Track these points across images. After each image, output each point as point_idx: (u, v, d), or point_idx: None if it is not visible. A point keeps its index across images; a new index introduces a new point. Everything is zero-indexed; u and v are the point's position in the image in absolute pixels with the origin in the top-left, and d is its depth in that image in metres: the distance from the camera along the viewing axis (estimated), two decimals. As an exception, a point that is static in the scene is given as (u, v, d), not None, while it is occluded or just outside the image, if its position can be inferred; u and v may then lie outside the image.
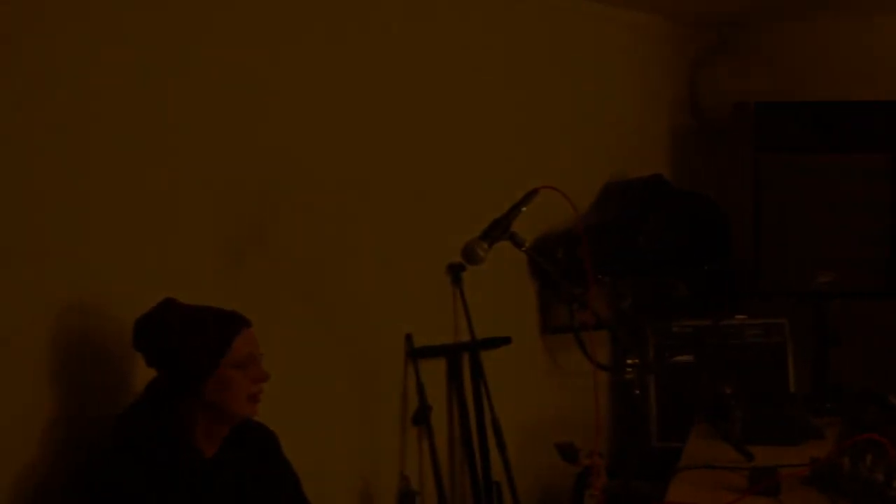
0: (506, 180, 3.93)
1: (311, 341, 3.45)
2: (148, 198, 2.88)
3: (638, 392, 3.24)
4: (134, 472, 2.45)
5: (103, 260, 2.75)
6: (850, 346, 4.63)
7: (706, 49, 5.45)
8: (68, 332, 2.66)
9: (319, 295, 3.50)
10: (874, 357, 4.87)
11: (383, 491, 3.75)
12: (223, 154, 3.12)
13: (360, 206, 3.63)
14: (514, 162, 4.28)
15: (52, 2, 2.62)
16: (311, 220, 3.44)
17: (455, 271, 3.99)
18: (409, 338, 3.84)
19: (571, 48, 4.65)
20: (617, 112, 4.91)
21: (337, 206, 3.54)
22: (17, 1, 2.54)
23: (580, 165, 4.65)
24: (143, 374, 2.62)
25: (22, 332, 2.56)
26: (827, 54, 5.21)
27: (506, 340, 4.16)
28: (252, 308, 2.74)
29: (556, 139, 4.55)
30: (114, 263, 2.78)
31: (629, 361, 3.23)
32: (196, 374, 2.53)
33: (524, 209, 2.92)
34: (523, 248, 2.90)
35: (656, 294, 4.82)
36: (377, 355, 3.74)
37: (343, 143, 3.55)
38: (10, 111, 2.53)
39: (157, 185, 2.91)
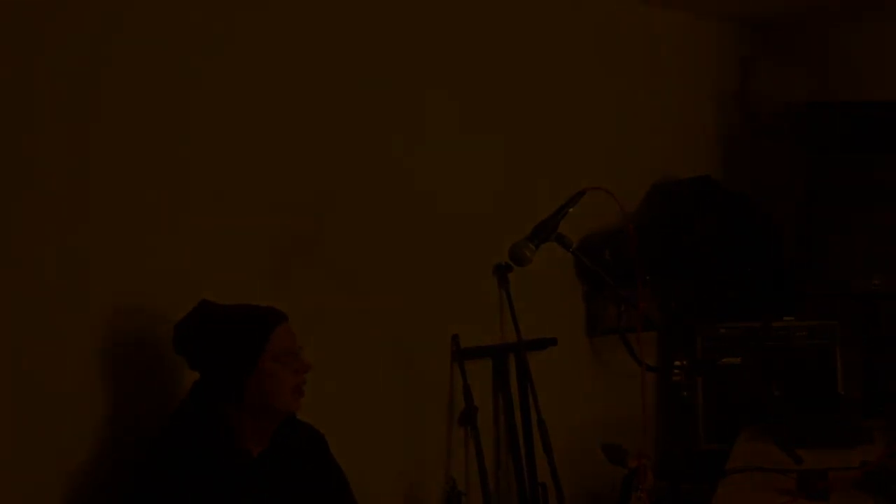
0: (553, 181, 3.93)
1: (359, 342, 3.46)
2: (199, 203, 2.91)
3: (686, 394, 3.22)
4: (181, 474, 2.46)
5: (156, 263, 2.78)
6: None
7: (756, 49, 5.41)
8: (120, 333, 2.69)
9: (366, 296, 3.50)
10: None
11: (429, 491, 3.76)
12: (272, 159, 3.14)
13: (407, 207, 3.63)
14: (562, 162, 4.27)
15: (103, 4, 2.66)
16: (358, 222, 3.46)
17: (502, 272, 3.99)
18: (455, 339, 3.84)
19: (620, 49, 4.64)
20: (666, 112, 4.88)
21: (384, 208, 3.55)
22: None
23: (628, 166, 4.63)
24: (192, 373, 2.65)
25: (74, 333, 2.60)
26: (878, 54, 5.15)
27: (552, 341, 4.16)
28: (299, 310, 2.76)
29: (605, 139, 4.53)
30: (166, 267, 2.81)
31: (677, 363, 3.21)
32: (237, 372, 2.55)
33: (571, 210, 2.91)
34: (571, 249, 2.90)
35: (705, 295, 4.79)
36: (424, 356, 3.75)
37: (389, 144, 3.56)
38: (60, 116, 2.57)
39: (209, 192, 2.93)
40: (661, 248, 4.44)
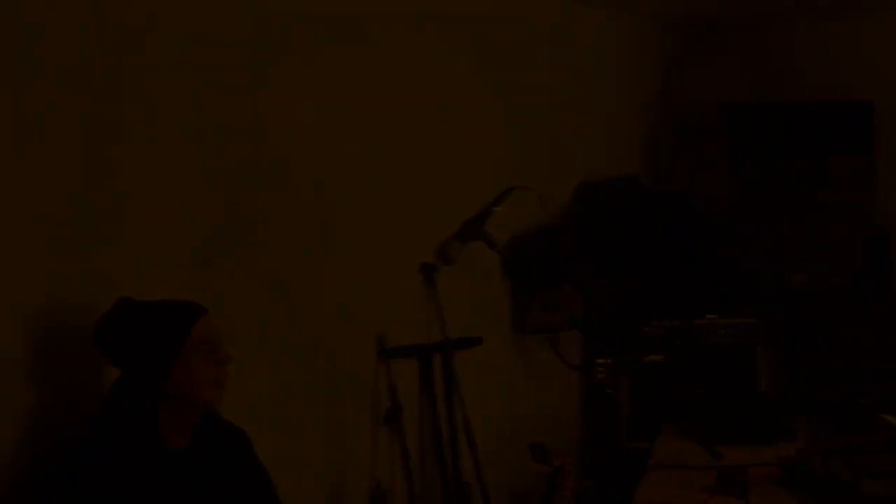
0: (480, 180, 3.94)
1: (283, 340, 3.44)
2: (121, 202, 2.87)
3: (610, 392, 3.24)
4: (101, 471, 2.43)
5: (79, 258, 2.74)
6: (822, 347, 4.66)
7: (682, 50, 5.46)
8: (43, 330, 2.65)
9: (291, 294, 3.48)
10: (846, 357, 4.88)
11: (353, 491, 3.74)
12: (198, 152, 3.11)
13: (334, 206, 3.62)
14: (489, 162, 4.27)
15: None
16: (283, 219, 3.43)
17: (428, 271, 3.98)
18: (380, 338, 3.83)
19: (546, 48, 4.66)
20: (591, 112, 4.91)
21: (310, 206, 3.53)
22: None
23: (555, 165, 4.65)
24: (115, 371, 2.61)
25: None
26: (803, 55, 5.23)
27: (477, 341, 4.16)
28: (224, 306, 2.74)
29: (531, 139, 4.55)
30: (90, 262, 2.77)
31: (600, 361, 3.23)
32: (159, 363, 2.52)
33: (498, 209, 2.92)
34: (496, 248, 2.91)
35: (629, 294, 4.83)
36: (349, 355, 3.73)
37: (317, 142, 3.55)
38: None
39: (131, 185, 2.90)
40: (588, 248, 4.47)
